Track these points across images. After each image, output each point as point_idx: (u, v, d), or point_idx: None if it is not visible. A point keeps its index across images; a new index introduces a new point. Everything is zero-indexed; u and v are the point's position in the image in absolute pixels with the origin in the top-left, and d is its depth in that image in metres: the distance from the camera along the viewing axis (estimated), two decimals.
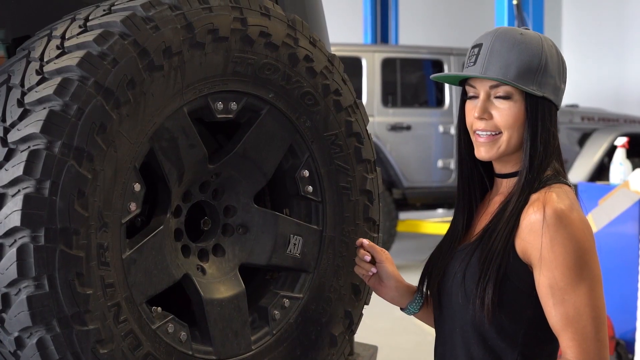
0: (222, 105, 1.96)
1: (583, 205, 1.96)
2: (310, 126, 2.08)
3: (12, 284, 1.65)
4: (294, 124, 2.06)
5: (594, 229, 5.39)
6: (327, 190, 2.13)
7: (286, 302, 2.09)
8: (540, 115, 1.90)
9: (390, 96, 9.17)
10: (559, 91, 1.94)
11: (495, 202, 1.98)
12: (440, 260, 2.01)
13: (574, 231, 1.84)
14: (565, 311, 1.84)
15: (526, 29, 1.97)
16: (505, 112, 1.90)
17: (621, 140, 5.74)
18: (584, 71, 15.50)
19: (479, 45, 1.92)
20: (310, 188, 2.12)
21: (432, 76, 2.01)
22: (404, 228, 9.45)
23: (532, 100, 1.89)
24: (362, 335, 3.10)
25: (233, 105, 1.98)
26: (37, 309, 1.65)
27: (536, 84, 1.89)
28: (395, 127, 9.14)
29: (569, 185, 1.93)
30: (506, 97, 1.90)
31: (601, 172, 9.35)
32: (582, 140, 9.81)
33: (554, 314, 1.85)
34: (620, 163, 5.63)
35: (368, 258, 2.06)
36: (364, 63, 9.05)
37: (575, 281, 1.83)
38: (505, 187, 1.97)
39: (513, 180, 1.95)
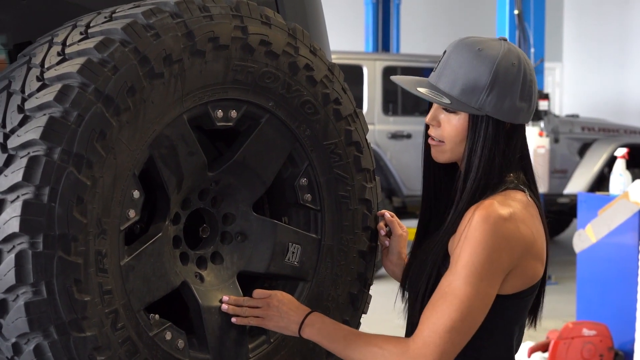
0: (222, 113, 1.96)
1: (582, 219, 1.99)
2: (309, 135, 2.08)
3: (10, 289, 1.65)
4: (294, 132, 2.06)
5: (593, 240, 5.39)
6: (326, 198, 2.13)
7: None
8: (483, 133, 1.93)
9: (391, 104, 9.19)
10: (516, 109, 1.94)
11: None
12: (409, 258, 2.09)
13: (492, 239, 1.86)
14: (437, 299, 1.88)
15: (503, 38, 1.97)
16: (447, 125, 1.97)
17: (621, 151, 5.75)
18: (584, 81, 15.51)
19: (444, 53, 1.98)
20: (309, 196, 2.12)
21: (392, 77, 2.06)
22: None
23: (474, 118, 1.93)
24: None
25: (233, 113, 1.98)
26: (34, 315, 1.65)
27: (480, 102, 1.92)
28: (395, 135, 9.16)
29: (525, 192, 1.95)
30: (451, 111, 1.96)
31: (601, 182, 9.37)
32: (583, 150, 9.83)
33: (431, 298, 1.90)
34: (620, 174, 5.64)
35: (383, 232, 2.19)
36: (365, 71, 9.07)
37: (463, 282, 1.85)
38: (459, 182, 2.01)
39: None
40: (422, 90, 1.96)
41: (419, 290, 1.97)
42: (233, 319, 1.98)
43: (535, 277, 1.96)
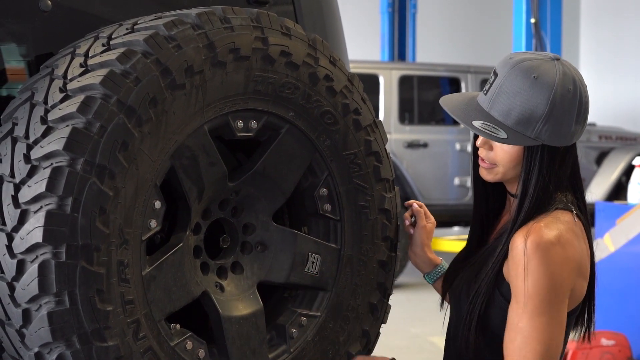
0: (243, 123, 1.97)
1: (599, 228, 2.00)
2: (329, 145, 2.09)
3: (33, 299, 1.67)
4: (314, 142, 2.07)
5: (611, 249, 5.36)
6: (345, 208, 2.14)
7: (304, 320, 2.10)
8: (539, 162, 1.91)
9: (407, 113, 9.18)
10: (571, 134, 1.91)
11: (504, 220, 2.03)
12: (454, 267, 2.09)
13: (550, 266, 1.85)
14: (515, 336, 1.86)
15: (556, 57, 1.93)
16: (501, 151, 1.94)
17: (639, 160, 5.72)
18: (601, 90, 15.44)
19: (495, 74, 1.93)
20: (328, 206, 2.13)
21: (440, 101, 2.02)
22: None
23: (530, 147, 1.91)
24: (378, 352, 3.09)
25: (253, 124, 1.99)
26: (57, 325, 1.66)
27: (536, 132, 1.89)
28: (412, 145, 9.15)
29: (573, 212, 1.93)
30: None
31: (619, 191, 9.31)
32: (600, 159, 9.78)
33: (506, 336, 1.87)
34: (638, 182, 5.61)
35: (407, 222, 2.22)
36: (381, 80, 9.07)
37: (535, 313, 1.84)
38: (513, 206, 1.99)
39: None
40: (476, 124, 1.91)
41: (468, 311, 1.95)
42: None
43: (581, 296, 1.96)
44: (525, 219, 1.92)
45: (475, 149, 2.01)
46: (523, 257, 1.85)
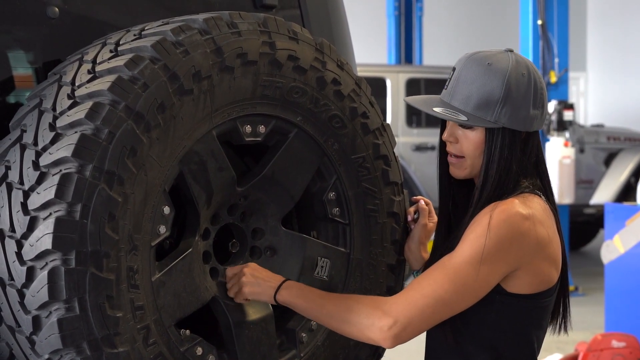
0: (251, 128, 1.97)
1: (609, 230, 2.01)
2: (337, 149, 2.09)
3: (43, 306, 1.66)
4: (322, 146, 2.07)
5: (621, 250, 5.35)
6: (354, 212, 2.13)
7: (314, 324, 2.09)
8: (500, 144, 1.97)
9: (414, 117, 9.18)
10: (530, 118, 1.97)
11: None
12: (427, 265, 2.09)
13: (508, 231, 1.88)
14: (436, 268, 1.91)
15: (509, 49, 2.01)
16: (466, 141, 2.00)
17: None
18: (609, 91, 15.42)
19: (453, 70, 2.02)
20: (337, 210, 2.13)
21: (405, 99, 2.11)
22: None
23: (491, 130, 1.97)
24: (389, 357, 3.09)
25: (261, 129, 1.99)
26: (67, 332, 1.66)
27: (495, 115, 1.95)
28: (419, 148, 9.14)
29: (541, 197, 1.97)
30: (467, 127, 1.99)
31: (628, 192, 9.29)
32: (608, 160, 9.76)
33: (429, 269, 1.93)
34: None
35: (410, 218, 2.22)
36: (388, 83, 9.07)
37: (468, 260, 1.88)
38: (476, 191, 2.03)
39: None
40: (437, 109, 1.99)
41: None
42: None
43: (550, 281, 1.98)
44: (486, 200, 1.95)
45: (442, 147, 2.06)
46: (484, 218, 1.89)
